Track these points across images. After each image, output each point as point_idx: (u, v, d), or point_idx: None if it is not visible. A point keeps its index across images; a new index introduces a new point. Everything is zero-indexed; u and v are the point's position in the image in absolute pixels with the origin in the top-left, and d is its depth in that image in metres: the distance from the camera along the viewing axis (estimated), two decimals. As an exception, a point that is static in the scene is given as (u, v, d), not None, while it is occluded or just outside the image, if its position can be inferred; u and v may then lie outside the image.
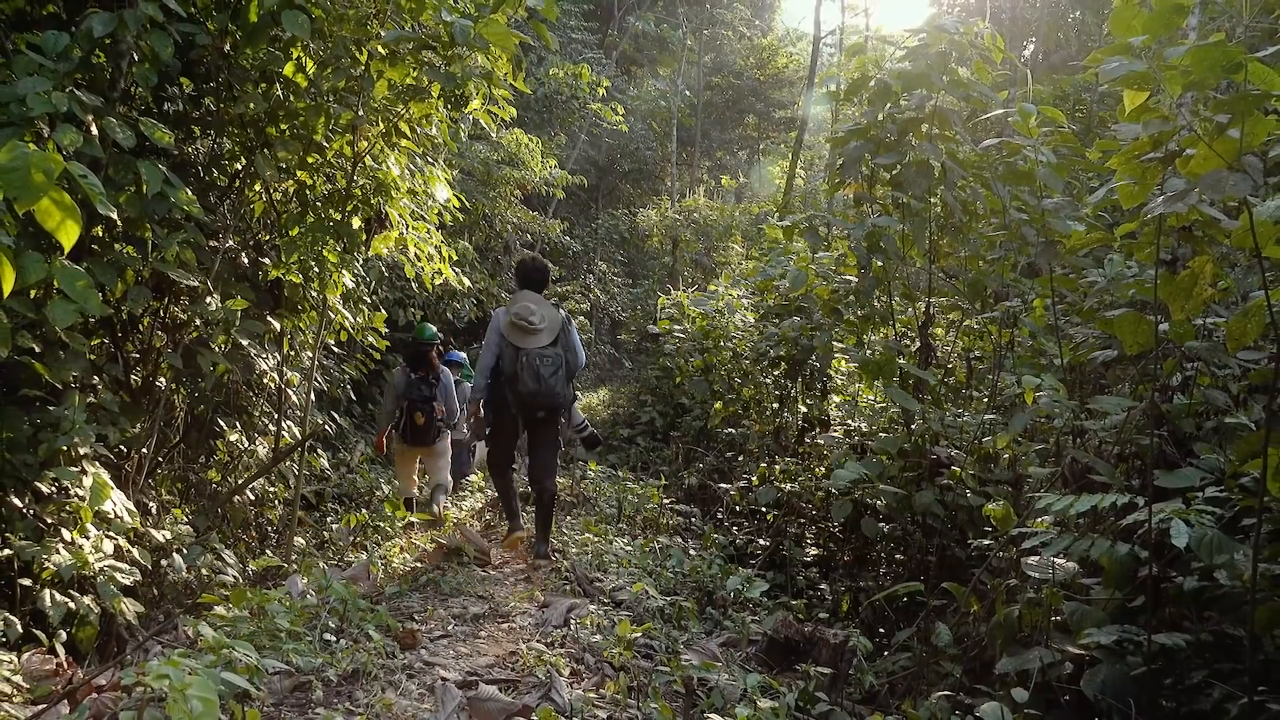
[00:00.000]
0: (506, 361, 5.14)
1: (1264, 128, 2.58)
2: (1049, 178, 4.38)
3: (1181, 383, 3.68)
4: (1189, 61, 2.49)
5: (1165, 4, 2.59)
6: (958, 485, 4.53)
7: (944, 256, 5.55)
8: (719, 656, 4.03)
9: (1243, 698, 2.72)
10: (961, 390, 5.98)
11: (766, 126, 25.00)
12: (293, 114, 4.62)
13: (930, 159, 4.84)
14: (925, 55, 4.92)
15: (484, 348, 5.30)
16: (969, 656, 3.69)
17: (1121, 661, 3.00)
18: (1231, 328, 2.86)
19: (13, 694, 2.83)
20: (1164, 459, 3.46)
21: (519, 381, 5.10)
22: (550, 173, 13.51)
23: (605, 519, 6.88)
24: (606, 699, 3.43)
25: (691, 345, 9.26)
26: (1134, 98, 2.83)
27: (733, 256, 16.05)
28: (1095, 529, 3.36)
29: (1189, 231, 3.20)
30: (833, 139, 5.79)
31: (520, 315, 5.12)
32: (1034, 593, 3.35)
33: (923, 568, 4.62)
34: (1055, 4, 14.62)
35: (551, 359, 5.14)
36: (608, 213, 21.26)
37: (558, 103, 17.21)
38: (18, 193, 2.11)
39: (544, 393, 5.13)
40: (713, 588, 5.14)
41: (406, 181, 5.24)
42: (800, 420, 7.30)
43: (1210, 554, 2.71)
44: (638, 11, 22.61)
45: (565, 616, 4.43)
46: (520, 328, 5.11)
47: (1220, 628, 3.04)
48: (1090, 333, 4.30)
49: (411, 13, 4.47)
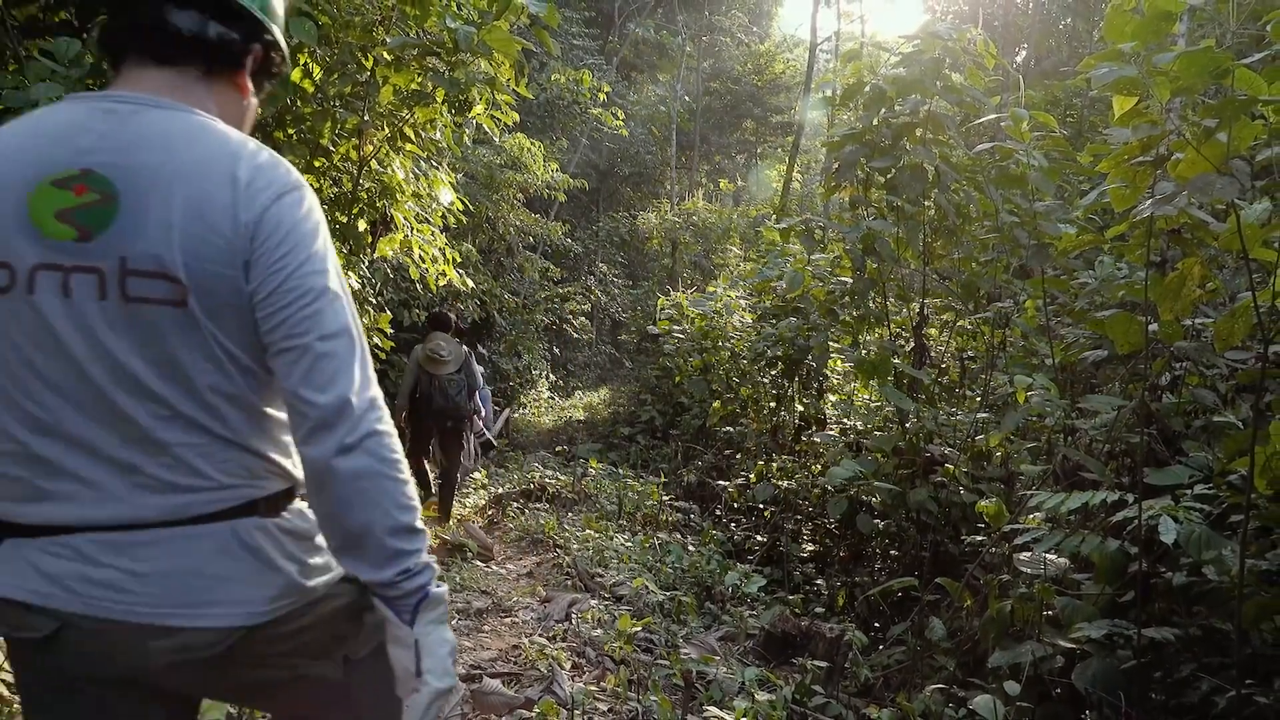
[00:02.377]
0: (422, 385, 6.47)
1: (1251, 132, 2.58)
2: (1041, 181, 4.38)
3: (1170, 382, 3.68)
4: (1178, 67, 2.49)
5: (1155, 11, 2.59)
6: (951, 483, 4.53)
7: (938, 258, 5.55)
8: (717, 650, 4.03)
9: (1230, 690, 2.72)
10: (955, 389, 5.98)
11: (764, 131, 24.98)
12: (300, 119, 4.62)
13: (924, 163, 4.84)
14: (919, 61, 4.92)
15: (405, 374, 6.62)
16: (962, 650, 3.69)
17: (1112, 655, 3.00)
18: (1219, 328, 2.86)
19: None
20: (1153, 457, 3.46)
21: (431, 400, 6.43)
22: (552, 176, 13.50)
23: (606, 515, 6.88)
24: (607, 692, 3.43)
25: (690, 345, 9.26)
26: (1124, 103, 2.83)
27: (731, 258, 16.04)
28: (1086, 525, 3.36)
29: (1178, 234, 3.20)
30: (829, 143, 5.79)
31: (433, 350, 6.44)
32: (1026, 588, 3.35)
33: (917, 563, 4.62)
34: (1046, 11, 14.63)
35: (456, 383, 6.49)
36: (608, 215, 21.25)
37: (559, 108, 17.20)
38: (30, 196, 2.11)
39: (450, 408, 6.49)
40: (711, 583, 5.14)
41: (411, 185, 5.24)
42: (797, 419, 7.30)
43: (1199, 550, 2.71)
44: (638, 18, 22.60)
45: (567, 611, 4.43)
46: (433, 359, 6.43)
47: (1208, 622, 3.04)
48: (1081, 333, 4.30)
49: (416, 20, 4.47)
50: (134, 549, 1.20)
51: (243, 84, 1.37)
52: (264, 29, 1.35)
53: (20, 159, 1.19)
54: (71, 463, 1.19)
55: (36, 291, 1.16)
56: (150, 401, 1.19)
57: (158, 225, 1.16)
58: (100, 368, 1.18)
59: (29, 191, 1.17)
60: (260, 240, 1.19)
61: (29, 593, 1.19)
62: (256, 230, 1.19)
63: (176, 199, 1.17)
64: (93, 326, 1.17)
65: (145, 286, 1.16)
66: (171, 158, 1.19)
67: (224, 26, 1.30)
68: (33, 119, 1.26)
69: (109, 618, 1.19)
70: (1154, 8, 2.58)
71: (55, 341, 1.17)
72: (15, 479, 1.21)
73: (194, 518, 1.22)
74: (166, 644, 1.21)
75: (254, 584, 1.25)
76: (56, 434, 1.19)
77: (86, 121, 1.22)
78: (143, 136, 1.21)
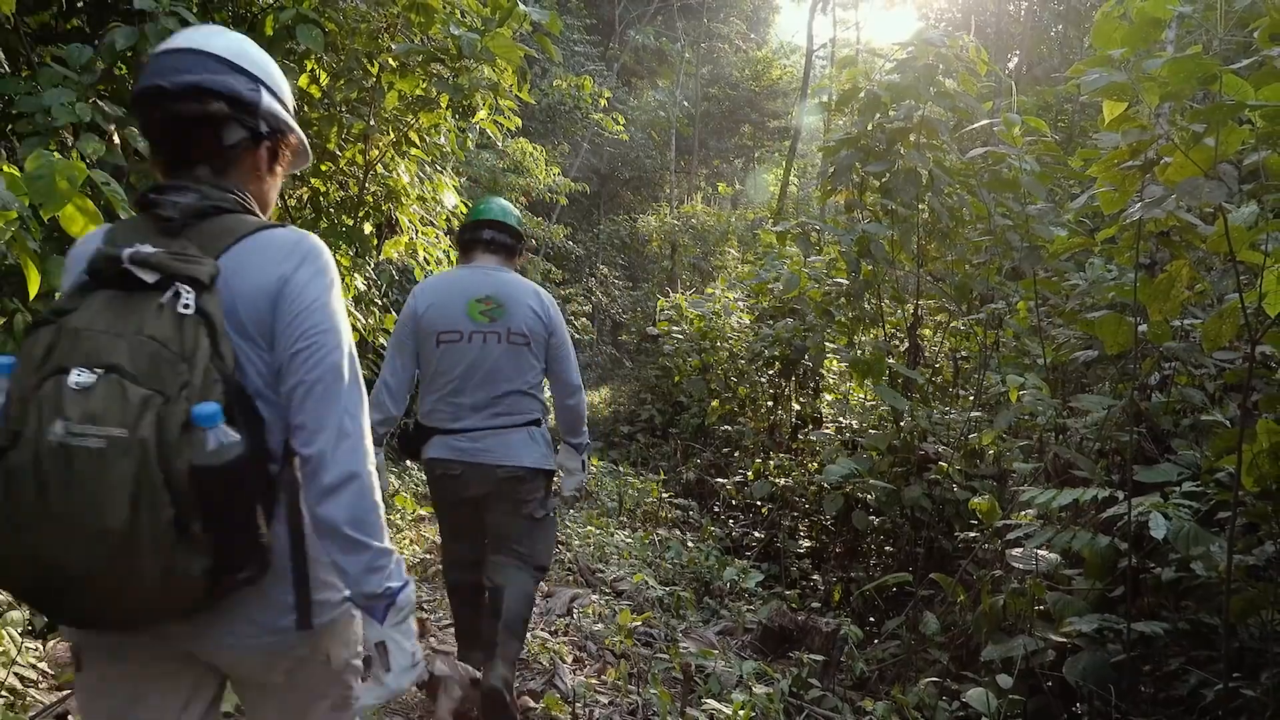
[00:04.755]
0: None
1: (1238, 136, 2.58)
2: (1032, 185, 4.38)
3: (1159, 382, 3.68)
4: (1166, 73, 2.48)
5: (1144, 18, 2.59)
6: (945, 480, 4.52)
7: (931, 260, 5.55)
8: (716, 644, 4.03)
9: (1218, 683, 2.72)
10: (948, 389, 5.98)
11: (761, 136, 24.97)
12: (307, 123, 4.62)
13: (918, 167, 4.84)
14: (913, 68, 4.92)
15: None
16: (955, 644, 3.69)
17: (1102, 649, 3.00)
18: (1207, 329, 2.86)
19: (39, 680, 2.83)
20: (1143, 455, 3.46)
21: None
22: (554, 180, 13.49)
23: (607, 512, 6.87)
24: (608, 685, 3.43)
25: (689, 346, 9.25)
26: (1113, 108, 2.83)
27: (729, 260, 16.02)
28: (1077, 522, 3.36)
29: (1167, 236, 3.20)
30: (825, 148, 5.79)
31: None
32: (1018, 583, 3.35)
33: (911, 559, 4.62)
34: (1038, 18, 14.61)
35: None
36: (609, 218, 21.23)
37: (561, 113, 17.20)
38: (43, 199, 2.11)
39: None
40: (710, 578, 5.14)
41: (416, 188, 5.24)
42: (794, 418, 7.30)
43: (1187, 546, 2.71)
44: (638, 25, 22.59)
45: (568, 606, 4.43)
46: None
47: (1197, 616, 3.04)
48: (1072, 334, 4.30)
49: (421, 27, 4.47)
50: (487, 437, 2.97)
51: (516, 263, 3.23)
52: (519, 235, 3.20)
53: (459, 288, 3.04)
54: (468, 405, 2.97)
55: (470, 341, 2.99)
56: (505, 382, 2.98)
57: (519, 316, 3.01)
58: (487, 367, 2.98)
59: (465, 302, 3.01)
60: (552, 324, 3.08)
61: (451, 452, 2.99)
62: (550, 319, 3.07)
63: (525, 306, 3.03)
64: (493, 352, 2.98)
65: (516, 339, 3.00)
66: (516, 290, 3.05)
67: (508, 236, 3.17)
68: (454, 275, 3.13)
69: (481, 462, 2.96)
70: (1143, 15, 2.58)
71: (470, 358, 2.98)
72: (444, 412, 3.00)
73: (512, 425, 2.99)
74: (501, 473, 2.96)
75: (530, 453, 3.00)
76: (463, 394, 2.98)
77: (481, 276, 3.06)
78: (504, 281, 3.06)
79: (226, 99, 1.38)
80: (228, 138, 1.40)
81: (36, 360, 1.20)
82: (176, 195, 1.36)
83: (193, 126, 1.38)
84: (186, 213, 1.35)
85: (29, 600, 1.36)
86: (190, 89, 1.36)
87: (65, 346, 1.20)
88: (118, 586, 1.18)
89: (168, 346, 1.20)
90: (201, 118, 1.37)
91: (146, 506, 1.15)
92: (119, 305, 1.24)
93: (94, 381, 1.17)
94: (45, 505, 1.14)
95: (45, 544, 1.16)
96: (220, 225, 1.37)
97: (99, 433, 1.14)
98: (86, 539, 1.15)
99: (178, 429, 1.17)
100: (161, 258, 1.26)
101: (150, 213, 1.36)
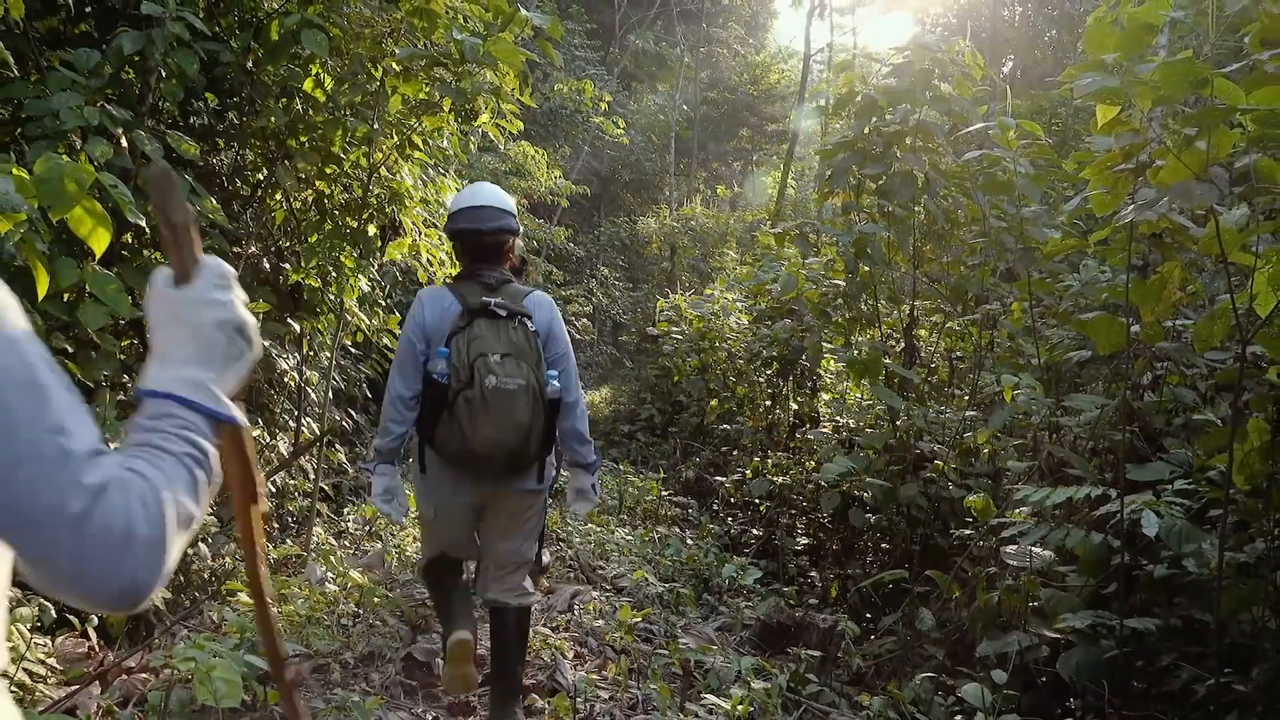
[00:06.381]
0: None
1: (1229, 140, 2.58)
2: (1027, 187, 4.38)
3: (1152, 381, 3.68)
4: (1158, 77, 2.49)
5: (1136, 23, 2.59)
6: (940, 478, 4.52)
7: (927, 262, 5.55)
8: (715, 640, 4.03)
9: (1210, 679, 2.72)
10: (944, 388, 5.98)
11: (760, 139, 24.97)
12: (312, 127, 4.62)
13: (914, 170, 4.84)
14: (909, 72, 4.91)
15: None
16: (951, 640, 3.69)
17: (1095, 645, 3.00)
18: (1199, 329, 2.86)
19: (48, 675, 2.83)
20: (1135, 453, 3.46)
21: None
22: (555, 183, 13.49)
23: (607, 510, 6.87)
24: (608, 680, 3.43)
25: (689, 346, 9.25)
26: (1107, 112, 2.83)
27: (728, 262, 16.00)
28: (1070, 520, 3.36)
29: (1159, 238, 3.20)
30: (822, 151, 5.79)
31: None
32: (1013, 580, 3.35)
33: (907, 556, 4.61)
34: (1032, 23, 14.62)
35: None
36: (609, 220, 21.23)
37: (562, 116, 17.19)
38: (52, 201, 2.11)
39: None
40: (709, 575, 5.14)
41: (419, 191, 5.24)
42: (791, 417, 7.30)
43: (1179, 543, 2.72)
44: (638, 30, 22.58)
45: (569, 602, 4.43)
46: None
47: (1189, 613, 3.04)
48: (1066, 334, 4.30)
49: (424, 31, 4.47)
50: None
51: None
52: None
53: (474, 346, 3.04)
54: None
55: None
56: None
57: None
58: None
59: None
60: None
61: None
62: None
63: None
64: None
65: None
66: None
67: None
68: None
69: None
70: (1135, 21, 2.58)
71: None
72: None
73: None
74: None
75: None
76: None
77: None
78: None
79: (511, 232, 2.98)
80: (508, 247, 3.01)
81: (464, 349, 2.68)
82: (490, 276, 2.90)
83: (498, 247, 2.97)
84: (499, 282, 2.88)
85: (479, 460, 2.75)
86: (497, 230, 2.93)
87: (478, 344, 2.70)
88: (521, 450, 2.74)
89: (528, 344, 2.76)
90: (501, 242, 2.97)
91: (535, 414, 2.71)
92: (494, 326, 2.76)
93: (501, 359, 2.70)
94: (489, 414, 2.65)
95: (492, 431, 2.67)
96: (514, 289, 2.90)
97: (512, 383, 2.68)
98: (513, 427, 2.68)
99: (541, 381, 2.74)
100: (506, 304, 2.79)
101: (479, 281, 2.86)
